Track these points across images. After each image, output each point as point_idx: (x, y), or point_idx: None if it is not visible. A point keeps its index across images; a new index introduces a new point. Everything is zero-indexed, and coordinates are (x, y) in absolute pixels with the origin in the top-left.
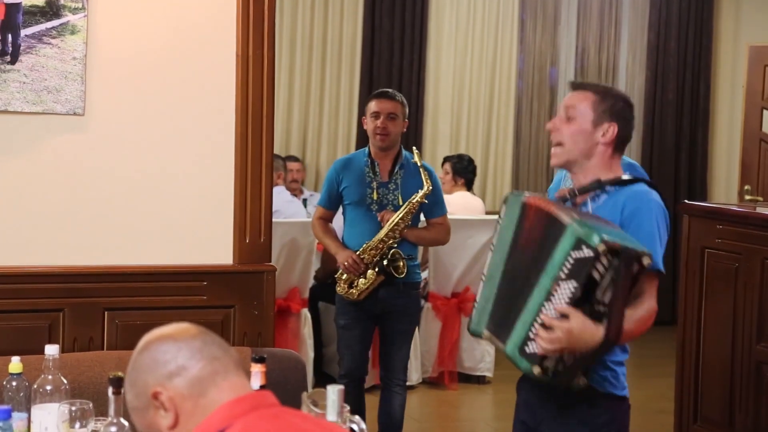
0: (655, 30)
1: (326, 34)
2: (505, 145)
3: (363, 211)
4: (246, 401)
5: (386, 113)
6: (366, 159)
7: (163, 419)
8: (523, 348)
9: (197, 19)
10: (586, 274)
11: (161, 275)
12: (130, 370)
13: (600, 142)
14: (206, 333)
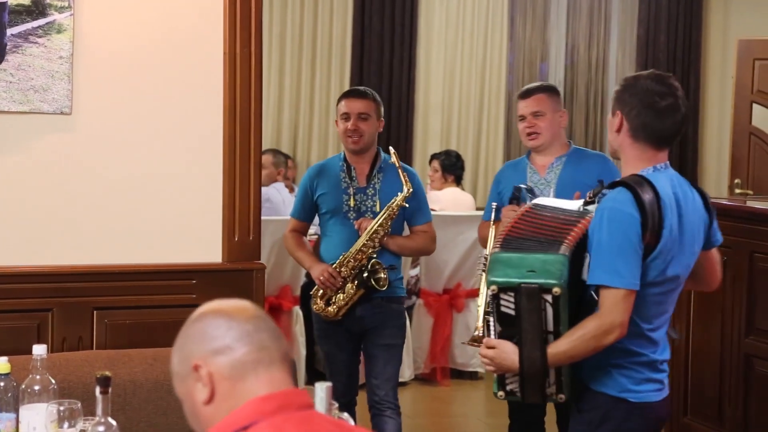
0: (645, 25)
1: (316, 32)
2: (496, 142)
3: (340, 219)
4: (276, 399)
5: (357, 113)
6: (341, 164)
7: (200, 393)
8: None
9: (184, 18)
10: (496, 311)
11: (150, 274)
12: (180, 335)
13: (614, 132)
14: (262, 318)
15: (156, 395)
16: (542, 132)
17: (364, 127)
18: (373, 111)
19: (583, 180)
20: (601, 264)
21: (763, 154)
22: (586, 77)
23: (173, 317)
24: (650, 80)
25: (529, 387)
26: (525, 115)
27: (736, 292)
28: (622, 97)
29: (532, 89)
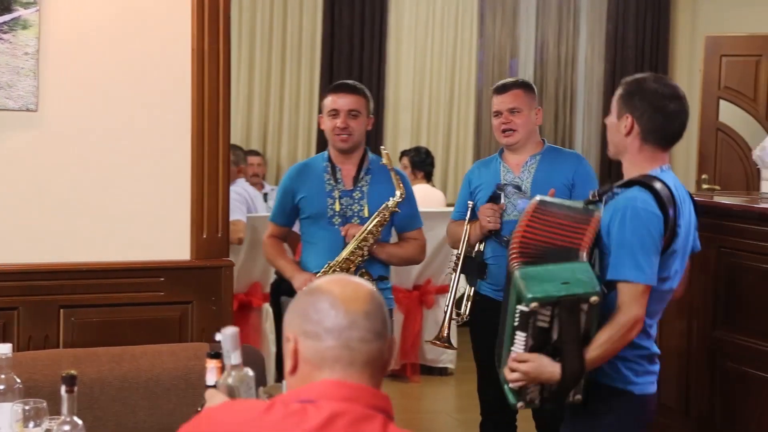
0: (613, 21)
1: (286, 28)
2: (466, 138)
3: (324, 225)
4: (347, 389)
5: (347, 110)
6: (325, 164)
7: (287, 360)
8: (506, 382)
9: (152, 14)
10: (532, 326)
11: (118, 272)
12: (297, 296)
13: (623, 133)
14: (365, 315)
15: (123, 393)
16: (518, 129)
17: (354, 125)
18: (364, 107)
19: (558, 179)
20: (624, 260)
21: (730, 149)
22: (555, 74)
23: (141, 315)
24: (655, 83)
25: (561, 395)
26: (501, 110)
27: (702, 287)
28: (631, 101)
29: (508, 84)
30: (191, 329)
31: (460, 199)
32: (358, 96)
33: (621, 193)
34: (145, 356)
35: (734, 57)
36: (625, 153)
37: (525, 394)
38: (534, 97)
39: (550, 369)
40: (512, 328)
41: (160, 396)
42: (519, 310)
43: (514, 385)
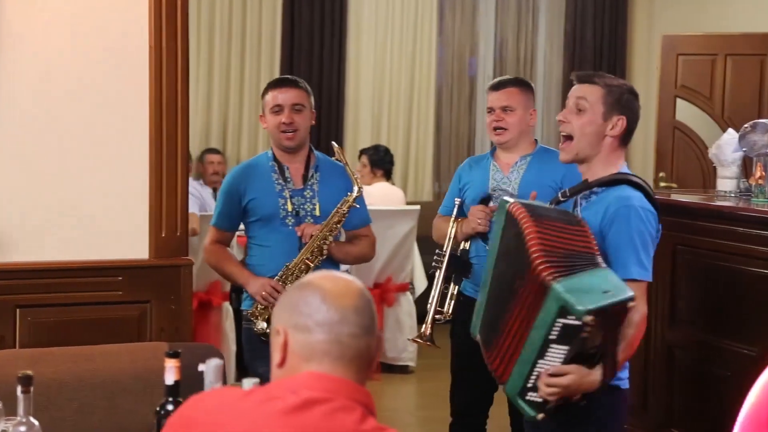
0: (572, 20)
1: (245, 25)
2: (426, 135)
3: (276, 226)
4: (328, 381)
5: (290, 104)
6: (271, 164)
7: (276, 353)
8: (524, 394)
9: (109, 11)
10: (577, 339)
11: (75, 271)
12: (286, 291)
13: (609, 135)
14: (355, 310)
15: (80, 394)
16: (509, 128)
17: (299, 120)
18: (307, 101)
19: (547, 181)
20: (630, 259)
21: (686, 148)
22: (514, 71)
23: (99, 314)
24: (626, 84)
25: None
26: (494, 108)
27: (659, 285)
28: (627, 103)
29: (504, 81)
30: (150, 329)
31: (449, 195)
32: (300, 90)
33: (604, 192)
34: (103, 356)
35: (690, 56)
36: (599, 152)
37: (547, 403)
38: (530, 96)
39: (590, 378)
40: (545, 340)
41: (118, 396)
42: (562, 324)
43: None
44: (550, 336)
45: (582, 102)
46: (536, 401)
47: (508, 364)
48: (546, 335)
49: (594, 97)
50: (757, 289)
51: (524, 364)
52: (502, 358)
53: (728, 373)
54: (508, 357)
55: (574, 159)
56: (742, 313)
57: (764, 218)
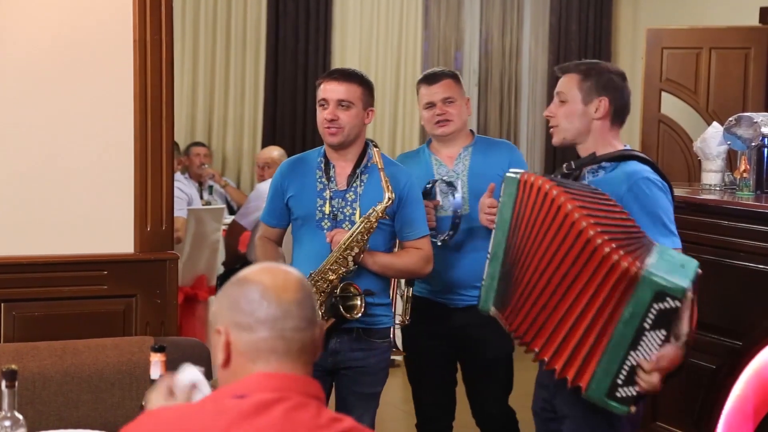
0: (557, 14)
1: (230, 19)
2: (412, 129)
3: (311, 228)
4: (279, 380)
5: (336, 100)
6: (320, 160)
7: (219, 353)
8: (613, 393)
9: (93, 5)
10: (674, 321)
11: (60, 265)
12: (223, 287)
13: (594, 117)
14: (296, 303)
15: (66, 388)
16: (454, 119)
17: (344, 118)
18: (359, 98)
19: (494, 169)
20: (660, 230)
21: (671, 141)
22: (500, 65)
23: (84, 309)
24: (607, 66)
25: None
26: (434, 101)
27: None
28: (607, 84)
29: (438, 74)
30: (135, 323)
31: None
32: (352, 84)
33: (613, 169)
34: (88, 350)
35: (675, 50)
36: (588, 135)
37: (638, 398)
38: (462, 87)
39: (680, 355)
40: (638, 331)
41: (104, 390)
42: (658, 309)
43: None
44: (644, 325)
45: (561, 95)
46: (629, 396)
47: (585, 366)
48: (639, 325)
49: (570, 85)
50: (743, 282)
51: (611, 362)
52: (578, 363)
53: (713, 367)
54: (581, 358)
55: (562, 142)
56: (728, 306)
57: (749, 211)
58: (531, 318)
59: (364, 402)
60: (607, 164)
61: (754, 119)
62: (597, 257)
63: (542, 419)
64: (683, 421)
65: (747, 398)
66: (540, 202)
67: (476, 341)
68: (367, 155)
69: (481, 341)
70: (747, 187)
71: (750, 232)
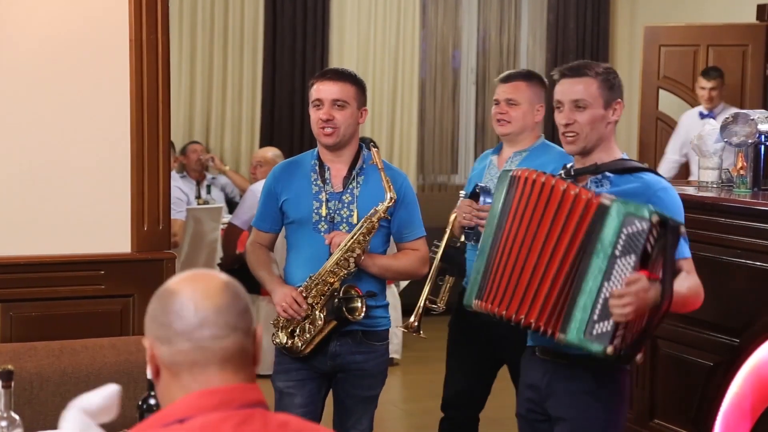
0: (554, 11)
1: (227, 18)
2: (410, 128)
3: (308, 231)
4: (216, 395)
5: (331, 99)
6: (313, 162)
7: (149, 365)
8: (589, 331)
9: (89, 5)
10: (642, 246)
11: (57, 265)
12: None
13: (611, 121)
14: (216, 311)
15: (63, 388)
16: (512, 121)
17: (339, 117)
18: (353, 97)
19: None
20: (685, 241)
21: (669, 138)
22: (497, 63)
23: (81, 309)
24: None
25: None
26: (499, 100)
27: None
28: (619, 86)
29: (512, 75)
30: (133, 323)
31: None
32: (345, 84)
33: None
34: (85, 350)
35: (673, 47)
36: (602, 143)
37: (615, 335)
38: (538, 92)
39: (653, 292)
40: (610, 260)
41: None
42: (626, 233)
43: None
44: (615, 252)
45: (581, 101)
46: (605, 331)
47: (561, 311)
48: (611, 254)
49: (590, 90)
50: (741, 280)
51: (587, 297)
52: (551, 310)
53: (711, 364)
54: (561, 304)
55: (582, 150)
56: (726, 303)
57: (746, 209)
58: (511, 289)
59: (363, 405)
60: (611, 175)
61: (750, 116)
62: (567, 201)
63: (529, 421)
64: (681, 418)
65: (744, 395)
66: (529, 190)
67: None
68: (362, 156)
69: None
70: (744, 184)
71: (747, 229)
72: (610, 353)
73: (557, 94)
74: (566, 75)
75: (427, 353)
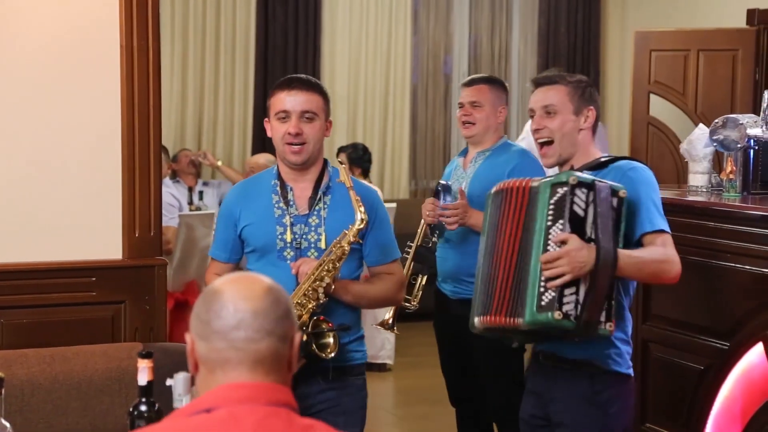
0: (545, 16)
1: (219, 23)
2: (402, 133)
3: (272, 260)
4: (245, 390)
5: (299, 111)
6: (274, 182)
7: (189, 359)
8: (539, 304)
9: (80, 10)
10: (568, 209)
11: (48, 272)
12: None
13: (583, 128)
14: (253, 315)
15: (55, 395)
16: (476, 122)
17: (308, 132)
18: (321, 109)
19: (496, 175)
20: (655, 214)
21: (660, 143)
22: (489, 68)
23: (72, 315)
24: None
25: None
26: (464, 103)
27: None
28: (593, 95)
29: (475, 79)
30: (124, 329)
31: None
32: (314, 94)
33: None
34: (77, 357)
35: (663, 52)
36: (576, 149)
37: (562, 301)
38: (500, 94)
39: (586, 251)
40: (545, 232)
41: (93, 397)
42: (553, 202)
43: (552, 283)
44: (547, 223)
45: (550, 107)
46: (550, 299)
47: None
48: (545, 226)
49: (560, 96)
50: (730, 284)
51: (533, 275)
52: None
53: (701, 368)
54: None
55: (557, 161)
56: (716, 307)
57: (736, 213)
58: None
59: None
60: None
61: (739, 121)
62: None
63: (531, 426)
64: (672, 422)
65: (735, 399)
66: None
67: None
68: (327, 173)
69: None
70: (733, 188)
71: (737, 233)
72: (559, 318)
73: (530, 102)
74: (539, 84)
75: (420, 358)
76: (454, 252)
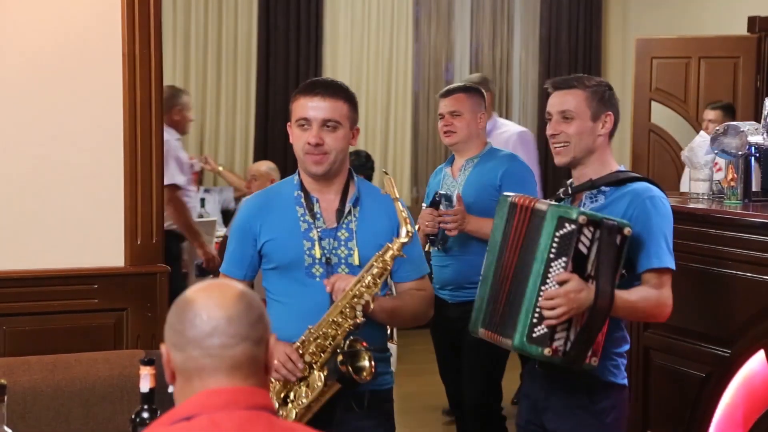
0: (547, 24)
1: (221, 32)
2: (404, 141)
3: (299, 277)
4: (223, 395)
5: (321, 120)
6: (297, 194)
7: (165, 368)
8: (530, 335)
9: (82, 18)
10: (573, 247)
11: (50, 279)
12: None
13: (601, 134)
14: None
15: (57, 402)
16: (457, 131)
17: (330, 141)
18: (346, 116)
19: (487, 180)
20: (664, 249)
21: (662, 150)
22: (490, 76)
23: (75, 323)
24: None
25: (584, 342)
26: (443, 113)
27: None
28: (611, 99)
29: (452, 89)
30: (126, 336)
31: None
32: (338, 101)
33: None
34: (79, 364)
35: (665, 59)
36: (592, 154)
37: (553, 337)
38: (478, 101)
39: (586, 293)
40: (546, 263)
41: (95, 404)
42: (559, 235)
43: (548, 322)
44: (550, 256)
45: (568, 112)
46: (542, 333)
47: (510, 320)
48: (546, 258)
49: (578, 102)
50: (732, 291)
51: (528, 302)
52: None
53: (703, 375)
54: (512, 313)
55: (570, 162)
56: (717, 314)
57: (737, 220)
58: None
59: None
60: (606, 188)
61: (740, 128)
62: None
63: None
64: (674, 429)
65: (737, 406)
66: (528, 218)
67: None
68: (354, 183)
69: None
70: (735, 195)
71: (738, 240)
72: (549, 355)
73: (548, 106)
74: (557, 87)
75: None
76: (454, 259)
